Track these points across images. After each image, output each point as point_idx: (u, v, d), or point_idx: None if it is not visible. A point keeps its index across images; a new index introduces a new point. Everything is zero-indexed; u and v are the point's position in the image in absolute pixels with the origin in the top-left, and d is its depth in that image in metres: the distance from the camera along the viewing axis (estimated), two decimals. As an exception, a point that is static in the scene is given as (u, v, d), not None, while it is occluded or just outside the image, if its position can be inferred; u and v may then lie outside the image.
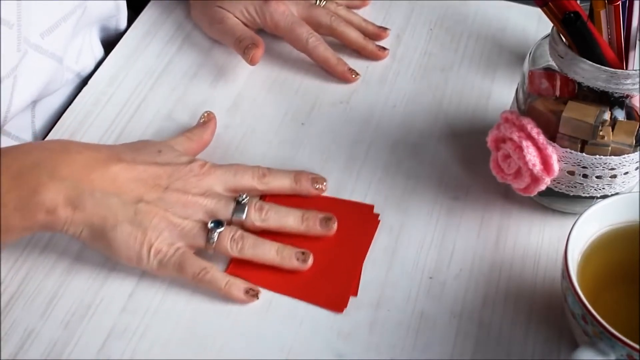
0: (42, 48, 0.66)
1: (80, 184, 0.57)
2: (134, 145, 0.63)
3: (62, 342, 0.57)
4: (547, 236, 0.64)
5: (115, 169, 0.59)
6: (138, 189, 0.59)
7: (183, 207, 0.60)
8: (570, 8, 0.57)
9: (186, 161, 0.62)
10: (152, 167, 0.60)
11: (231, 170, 0.63)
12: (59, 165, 0.57)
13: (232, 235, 0.59)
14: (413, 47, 0.80)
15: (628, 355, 0.50)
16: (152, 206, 0.59)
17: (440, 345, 0.58)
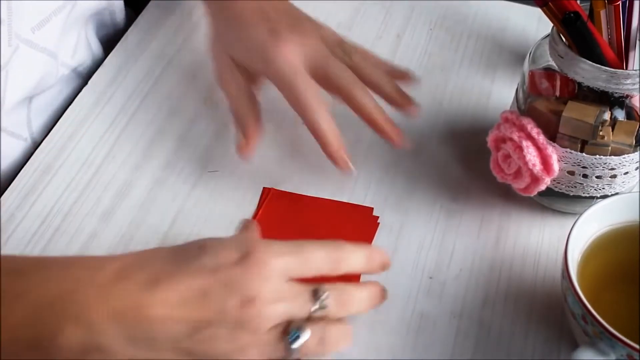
0: (33, 42, 0.65)
1: (113, 328, 0.46)
2: (171, 251, 0.50)
3: (62, 342, 0.57)
4: (547, 236, 0.64)
5: (155, 303, 0.46)
6: (188, 318, 0.47)
7: (249, 322, 0.48)
8: (570, 8, 0.57)
9: (238, 257, 0.48)
10: (197, 281, 0.47)
11: (299, 257, 0.51)
12: (85, 304, 0.46)
13: (318, 339, 0.51)
14: (413, 47, 0.80)
15: (628, 355, 0.50)
16: (210, 333, 0.47)
17: (440, 345, 0.58)
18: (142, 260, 0.49)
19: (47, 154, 0.69)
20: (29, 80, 0.67)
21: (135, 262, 0.48)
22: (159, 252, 0.50)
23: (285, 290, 0.49)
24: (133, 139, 0.71)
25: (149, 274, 0.47)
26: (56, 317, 0.46)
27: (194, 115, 0.73)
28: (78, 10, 0.71)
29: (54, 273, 0.47)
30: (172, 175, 0.68)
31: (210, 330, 0.47)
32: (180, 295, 0.47)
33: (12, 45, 0.63)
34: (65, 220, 0.64)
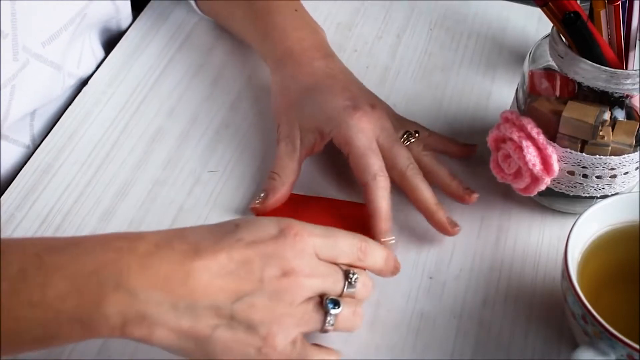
0: (42, 57, 0.65)
1: (156, 295, 0.47)
2: (208, 228, 0.51)
3: (62, 342, 0.57)
4: (547, 236, 0.64)
5: (197, 270, 0.48)
6: (229, 286, 0.49)
7: (286, 292, 0.50)
8: (570, 8, 0.57)
9: (275, 233, 0.51)
10: (237, 252, 0.49)
11: (330, 240, 0.53)
12: (126, 272, 0.47)
13: (352, 312, 0.53)
14: (413, 47, 0.80)
15: (628, 355, 0.50)
16: (250, 301, 0.49)
17: (440, 345, 0.58)
18: (181, 233, 0.50)
19: (47, 154, 0.69)
20: (37, 94, 0.67)
21: (175, 234, 0.50)
22: (196, 228, 0.51)
23: (320, 267, 0.52)
24: (133, 139, 0.71)
25: (190, 244, 0.49)
26: (99, 285, 0.46)
27: (194, 115, 0.73)
28: (86, 22, 0.71)
29: (92, 245, 0.48)
30: (172, 175, 0.68)
31: (250, 299, 0.49)
32: (221, 265, 0.49)
33: (19, 59, 0.62)
34: (65, 220, 0.64)
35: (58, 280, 0.46)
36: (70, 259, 0.47)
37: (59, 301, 0.46)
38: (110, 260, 0.47)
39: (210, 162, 0.69)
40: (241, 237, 0.50)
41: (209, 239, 0.50)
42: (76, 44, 0.72)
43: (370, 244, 0.55)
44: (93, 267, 0.47)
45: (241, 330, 0.49)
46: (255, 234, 0.50)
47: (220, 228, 0.51)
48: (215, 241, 0.50)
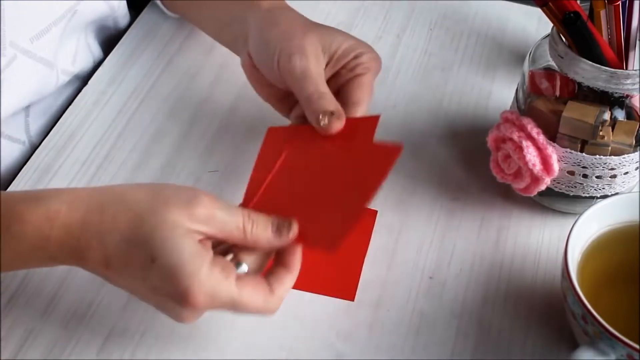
0: (31, 52, 0.65)
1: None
2: (129, 236, 0.51)
3: (62, 342, 0.57)
4: (547, 236, 0.64)
5: (107, 277, 0.53)
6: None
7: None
8: (570, 8, 0.57)
9: (176, 295, 0.50)
10: (138, 287, 0.52)
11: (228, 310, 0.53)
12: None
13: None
14: (413, 47, 0.80)
15: (628, 355, 0.50)
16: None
17: (440, 345, 0.58)
18: (103, 233, 0.51)
19: (46, 154, 0.69)
20: (26, 89, 0.67)
21: (95, 235, 0.51)
22: (120, 226, 0.51)
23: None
24: (133, 139, 0.71)
25: (104, 255, 0.51)
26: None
27: (194, 115, 0.73)
28: (77, 19, 0.71)
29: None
30: (172, 175, 0.68)
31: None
32: (121, 285, 0.53)
33: (6, 55, 0.62)
34: (65, 220, 0.64)
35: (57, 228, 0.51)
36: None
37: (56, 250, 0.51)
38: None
39: (210, 163, 0.69)
40: (149, 277, 0.50)
41: (121, 257, 0.51)
42: (69, 41, 0.72)
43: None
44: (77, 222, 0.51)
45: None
46: (163, 284, 0.50)
47: (137, 250, 0.50)
48: (123, 266, 0.51)
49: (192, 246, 0.50)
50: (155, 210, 0.51)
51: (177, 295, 0.50)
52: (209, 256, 0.51)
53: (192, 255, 0.50)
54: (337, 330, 0.58)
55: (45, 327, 0.58)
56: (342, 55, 0.64)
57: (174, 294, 0.50)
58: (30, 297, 0.59)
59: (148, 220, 0.50)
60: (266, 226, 0.54)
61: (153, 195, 0.52)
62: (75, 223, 0.51)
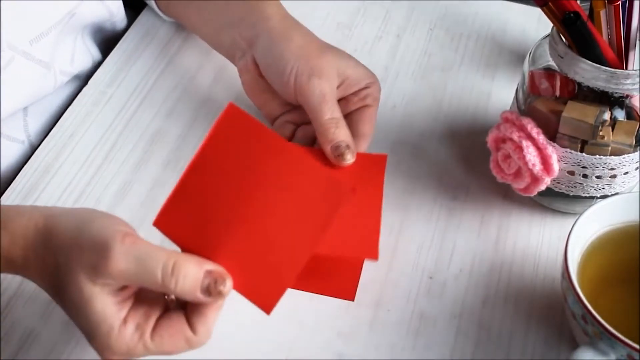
0: (30, 55, 0.65)
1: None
2: (53, 296, 0.51)
3: (62, 342, 0.57)
4: (547, 236, 0.64)
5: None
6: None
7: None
8: (570, 8, 0.57)
9: (98, 348, 0.50)
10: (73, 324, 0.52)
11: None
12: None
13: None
14: (413, 47, 0.80)
15: (628, 355, 0.50)
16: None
17: (440, 345, 0.58)
18: (39, 272, 0.51)
19: (47, 154, 0.69)
20: (24, 91, 0.67)
21: (34, 273, 0.51)
22: (45, 272, 0.51)
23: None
24: (133, 139, 0.71)
25: (46, 288, 0.51)
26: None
27: (194, 115, 0.73)
28: (75, 22, 0.71)
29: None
30: (172, 175, 0.68)
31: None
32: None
33: (4, 57, 0.62)
34: (65, 220, 0.64)
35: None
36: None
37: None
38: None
39: (210, 162, 0.69)
40: (78, 323, 0.50)
41: (56, 301, 0.51)
42: (66, 42, 0.72)
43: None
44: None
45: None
46: (85, 328, 0.50)
47: (60, 304, 0.51)
48: (57, 302, 0.51)
49: (100, 310, 0.49)
50: (68, 266, 0.49)
51: (96, 348, 0.50)
52: (120, 316, 0.49)
53: (100, 321, 0.49)
54: (337, 330, 0.58)
55: (45, 327, 0.58)
56: (354, 83, 0.66)
57: (94, 346, 0.50)
58: (30, 297, 0.59)
59: (63, 278, 0.49)
60: (194, 284, 0.49)
61: (72, 244, 0.49)
62: (17, 259, 0.51)
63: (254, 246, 0.51)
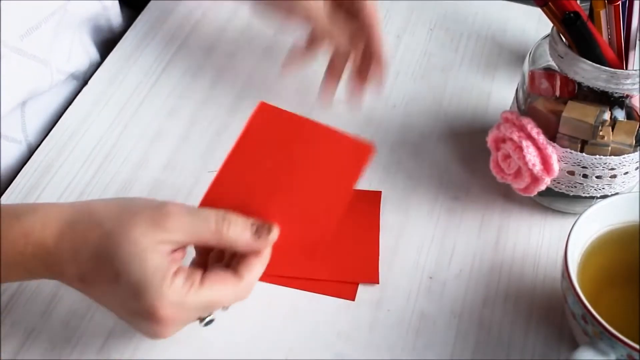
0: (22, 50, 0.65)
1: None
2: (99, 252, 0.51)
3: (62, 342, 0.57)
4: (547, 236, 0.64)
5: (84, 291, 0.53)
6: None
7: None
8: (570, 8, 0.57)
9: (143, 311, 0.51)
10: (108, 301, 0.53)
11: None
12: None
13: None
14: (413, 47, 0.80)
15: (628, 355, 0.50)
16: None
17: (440, 345, 0.58)
18: (75, 249, 0.52)
19: (47, 154, 0.69)
20: (20, 87, 0.67)
21: (69, 251, 0.52)
22: (89, 242, 0.52)
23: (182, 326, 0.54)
24: (133, 139, 0.71)
25: (77, 270, 0.52)
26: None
27: (194, 115, 0.73)
28: (70, 17, 0.70)
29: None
30: (172, 175, 0.68)
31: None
32: (98, 299, 0.53)
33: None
34: (65, 220, 0.64)
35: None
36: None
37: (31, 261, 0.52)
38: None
39: (210, 163, 0.69)
40: (117, 294, 0.51)
41: (92, 273, 0.51)
42: (62, 39, 0.71)
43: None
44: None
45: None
46: (129, 301, 0.51)
47: (103, 267, 0.51)
48: (95, 281, 0.52)
49: (155, 261, 0.50)
50: (121, 226, 0.51)
51: (143, 312, 0.51)
52: (172, 269, 0.51)
53: (154, 270, 0.50)
54: (337, 330, 0.58)
55: (45, 327, 0.58)
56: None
57: (141, 311, 0.51)
58: (30, 297, 0.59)
59: (114, 237, 0.51)
60: (244, 228, 0.53)
61: (121, 211, 0.52)
62: (49, 239, 0.52)
63: (294, 220, 0.56)
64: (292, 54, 0.72)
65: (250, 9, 0.74)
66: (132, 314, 0.52)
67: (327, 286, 0.60)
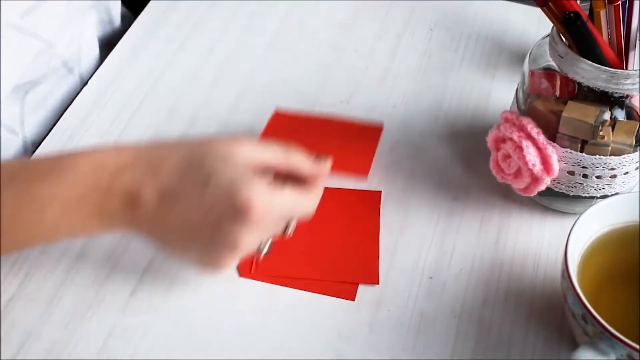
0: (22, 28, 0.65)
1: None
2: (183, 163, 0.53)
3: (62, 342, 0.57)
4: (547, 236, 0.64)
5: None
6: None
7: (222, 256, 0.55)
8: (570, 8, 0.57)
9: (234, 209, 0.52)
10: (192, 213, 0.53)
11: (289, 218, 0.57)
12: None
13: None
14: (413, 47, 0.80)
15: (628, 355, 0.50)
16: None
17: (440, 345, 0.58)
18: (156, 166, 0.53)
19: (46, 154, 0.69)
20: (19, 65, 0.67)
21: (148, 171, 0.53)
22: (173, 157, 0.53)
23: (262, 235, 0.55)
24: (133, 139, 0.71)
25: (158, 187, 0.53)
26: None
27: (194, 115, 0.73)
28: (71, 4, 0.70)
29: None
30: (172, 175, 0.68)
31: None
32: (175, 218, 0.53)
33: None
34: (65, 220, 0.64)
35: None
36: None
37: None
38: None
39: (210, 162, 0.69)
40: (204, 198, 0.52)
41: (175, 184, 0.52)
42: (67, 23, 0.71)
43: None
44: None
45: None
46: (220, 200, 0.52)
47: (193, 171, 0.53)
48: (178, 192, 0.53)
49: (244, 160, 0.53)
50: (202, 142, 0.54)
51: (236, 210, 0.52)
52: (258, 174, 0.53)
53: (244, 167, 0.53)
54: (337, 330, 0.58)
55: (45, 327, 0.58)
56: None
57: (232, 210, 0.52)
58: (30, 297, 0.59)
59: (197, 149, 0.54)
60: (305, 157, 0.57)
61: (200, 138, 0.55)
62: (126, 166, 0.53)
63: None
64: None
65: None
66: (219, 220, 0.52)
67: (327, 286, 0.60)
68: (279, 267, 0.61)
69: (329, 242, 0.63)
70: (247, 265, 0.61)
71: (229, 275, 0.61)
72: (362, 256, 0.62)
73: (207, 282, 0.60)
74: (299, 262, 0.61)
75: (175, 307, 0.59)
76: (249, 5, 0.84)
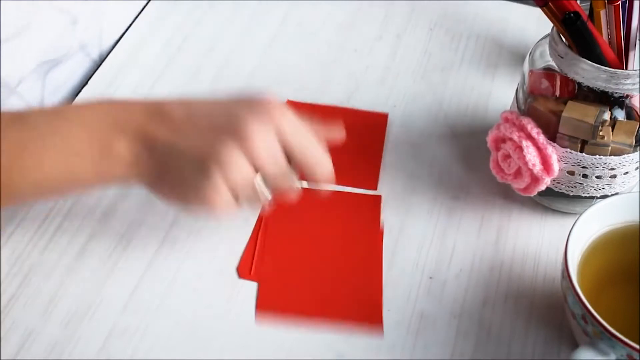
0: (55, 4, 0.67)
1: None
2: (189, 111, 0.55)
3: (62, 342, 0.57)
4: (547, 236, 0.64)
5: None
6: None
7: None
8: (570, 8, 0.57)
9: (240, 119, 0.53)
10: (197, 143, 0.54)
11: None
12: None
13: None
14: (413, 47, 0.80)
15: (628, 355, 0.50)
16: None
17: (440, 345, 0.58)
18: (162, 116, 0.54)
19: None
20: (45, 39, 0.67)
21: (157, 113, 0.55)
22: (177, 111, 0.55)
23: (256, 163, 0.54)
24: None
25: (169, 127, 0.54)
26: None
27: (194, 115, 0.73)
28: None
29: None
30: (172, 175, 0.68)
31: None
32: (190, 139, 0.53)
33: (32, 6, 0.64)
34: (65, 220, 0.64)
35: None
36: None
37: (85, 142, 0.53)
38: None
39: (210, 162, 0.69)
40: (211, 121, 0.53)
41: (187, 122, 0.54)
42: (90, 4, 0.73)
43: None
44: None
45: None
46: (223, 115, 0.54)
47: (199, 108, 0.55)
48: (188, 122, 0.54)
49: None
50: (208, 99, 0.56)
51: (234, 125, 0.52)
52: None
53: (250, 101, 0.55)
54: (337, 330, 0.58)
55: (45, 327, 0.58)
56: None
57: (231, 124, 0.52)
58: (30, 297, 0.59)
59: (201, 103, 0.55)
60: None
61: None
62: (135, 110, 0.55)
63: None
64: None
65: None
66: (219, 133, 0.52)
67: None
68: (284, 302, 0.59)
69: (332, 274, 0.61)
70: (247, 266, 0.61)
71: (229, 276, 0.61)
72: (365, 298, 0.60)
73: (207, 282, 0.60)
74: (305, 298, 0.60)
75: (176, 307, 0.59)
76: (249, 5, 0.84)
